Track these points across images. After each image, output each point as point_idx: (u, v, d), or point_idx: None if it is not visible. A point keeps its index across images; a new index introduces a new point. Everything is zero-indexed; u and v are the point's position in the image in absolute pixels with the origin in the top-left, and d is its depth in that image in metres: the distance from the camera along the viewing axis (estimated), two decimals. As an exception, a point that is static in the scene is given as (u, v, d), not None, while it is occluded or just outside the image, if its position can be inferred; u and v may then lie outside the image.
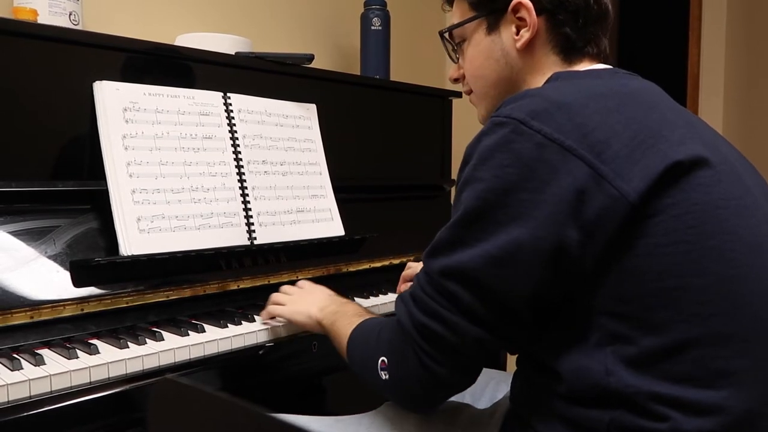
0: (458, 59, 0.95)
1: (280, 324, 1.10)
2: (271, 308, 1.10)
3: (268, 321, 1.10)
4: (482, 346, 0.74)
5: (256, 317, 1.11)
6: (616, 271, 0.68)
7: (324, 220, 1.38)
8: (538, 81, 0.86)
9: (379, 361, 0.81)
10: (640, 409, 0.68)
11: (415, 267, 1.27)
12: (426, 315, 0.75)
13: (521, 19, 0.84)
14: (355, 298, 1.27)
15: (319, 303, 1.03)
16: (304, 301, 1.06)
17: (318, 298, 1.05)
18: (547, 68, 0.86)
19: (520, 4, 0.83)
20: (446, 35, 0.95)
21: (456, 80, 0.97)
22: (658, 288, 0.68)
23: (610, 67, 0.86)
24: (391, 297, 1.33)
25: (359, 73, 1.92)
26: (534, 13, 0.83)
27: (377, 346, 0.83)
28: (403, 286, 1.26)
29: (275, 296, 1.11)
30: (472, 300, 0.72)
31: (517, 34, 0.85)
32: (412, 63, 2.18)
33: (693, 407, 0.67)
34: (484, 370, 0.81)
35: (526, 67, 0.87)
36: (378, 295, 1.34)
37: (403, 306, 0.79)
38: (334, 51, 2.06)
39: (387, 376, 0.80)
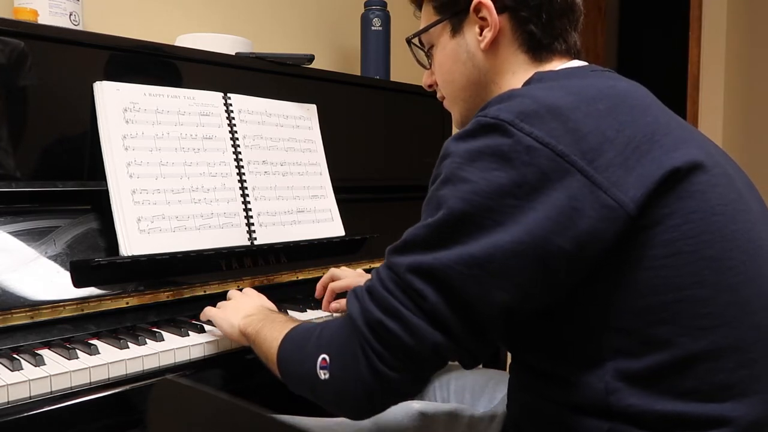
0: (431, 65, 0.92)
1: None
2: (206, 309, 1.04)
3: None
4: (438, 353, 0.68)
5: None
6: (613, 284, 0.66)
7: (324, 221, 1.38)
8: (508, 81, 0.83)
9: (319, 358, 0.73)
10: (641, 423, 0.66)
11: (336, 272, 1.20)
12: (382, 312, 0.68)
13: (483, 18, 0.82)
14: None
15: (245, 311, 0.96)
16: (232, 307, 1.00)
17: (247, 306, 0.98)
18: (516, 67, 0.83)
19: (480, 3, 0.81)
20: (416, 41, 0.92)
21: (430, 86, 0.94)
22: (659, 302, 0.65)
23: (586, 64, 0.83)
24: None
25: (359, 74, 1.91)
26: (495, 12, 0.81)
27: (317, 344, 0.75)
28: (330, 299, 1.18)
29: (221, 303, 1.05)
30: (439, 301, 0.66)
31: (481, 34, 0.83)
32: (412, 63, 2.17)
33: (697, 422, 0.65)
34: (484, 369, 0.80)
35: (494, 68, 0.84)
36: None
37: (355, 300, 0.72)
38: (334, 51, 2.06)
39: (327, 375, 0.72)
